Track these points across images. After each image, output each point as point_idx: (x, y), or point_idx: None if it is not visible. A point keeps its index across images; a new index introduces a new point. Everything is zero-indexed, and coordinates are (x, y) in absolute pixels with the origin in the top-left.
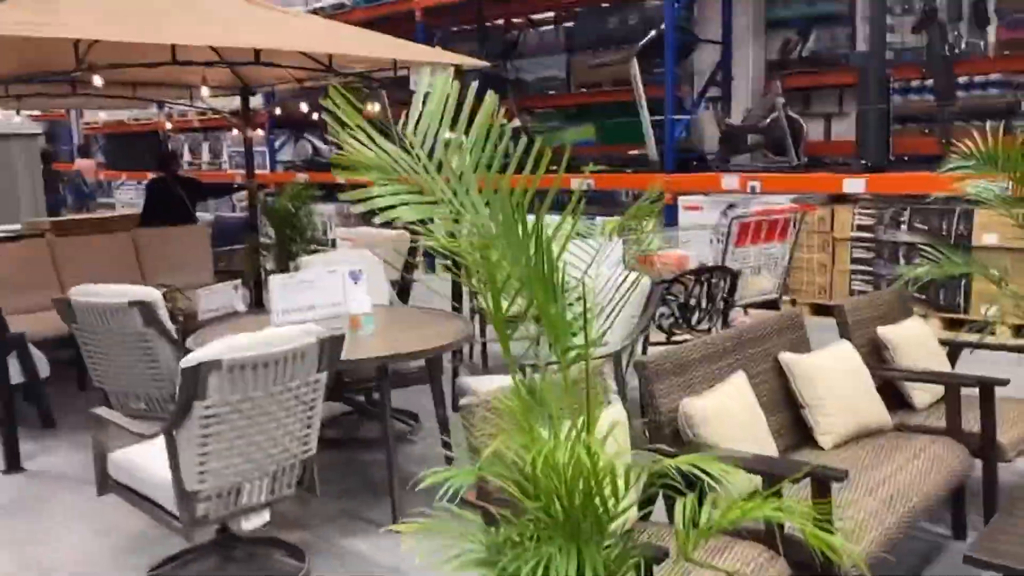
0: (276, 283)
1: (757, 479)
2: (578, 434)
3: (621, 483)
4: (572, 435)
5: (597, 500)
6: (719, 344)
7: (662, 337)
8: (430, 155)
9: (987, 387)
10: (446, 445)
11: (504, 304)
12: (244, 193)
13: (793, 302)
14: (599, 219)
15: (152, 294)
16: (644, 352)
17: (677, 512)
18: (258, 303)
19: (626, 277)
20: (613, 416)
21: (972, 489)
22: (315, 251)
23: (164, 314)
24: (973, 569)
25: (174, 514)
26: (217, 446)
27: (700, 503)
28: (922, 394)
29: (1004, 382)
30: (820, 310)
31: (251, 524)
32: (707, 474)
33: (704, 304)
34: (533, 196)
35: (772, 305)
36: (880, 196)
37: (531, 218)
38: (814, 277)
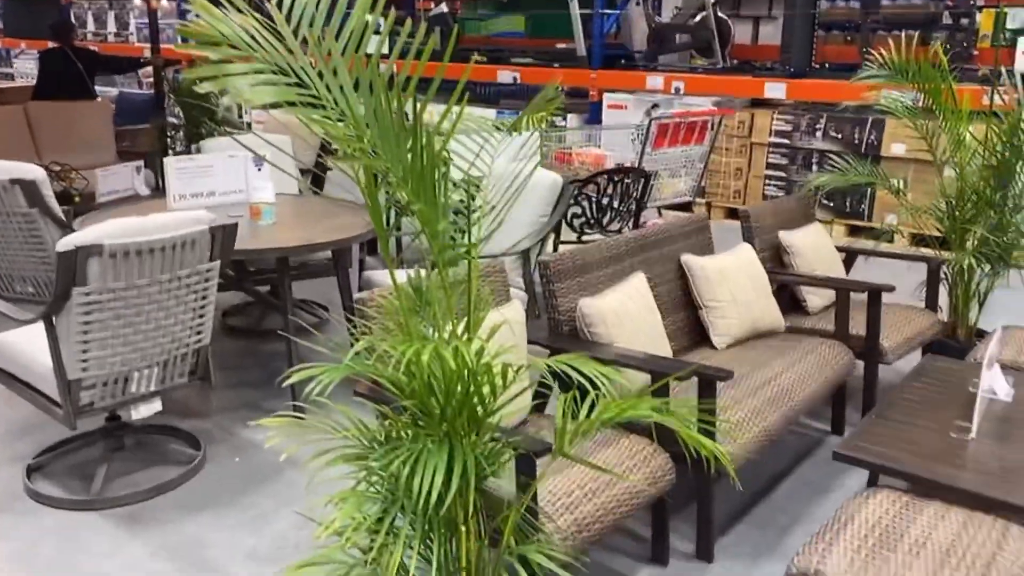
0: (172, 166)
1: (647, 377)
2: (456, 334)
3: (500, 381)
4: (449, 335)
5: (475, 399)
6: (622, 245)
7: (573, 237)
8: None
9: (875, 293)
10: (351, 334)
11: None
12: (151, 69)
13: (708, 205)
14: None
15: (35, 172)
16: (555, 251)
17: (556, 409)
18: (162, 187)
19: (530, 175)
20: (509, 314)
21: (853, 389)
22: (227, 133)
23: (49, 194)
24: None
25: (56, 402)
26: (100, 334)
27: (587, 400)
28: (815, 298)
29: (890, 288)
30: (734, 214)
31: (141, 413)
32: (581, 374)
33: (617, 205)
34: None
35: (687, 208)
36: (799, 103)
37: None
38: (730, 181)
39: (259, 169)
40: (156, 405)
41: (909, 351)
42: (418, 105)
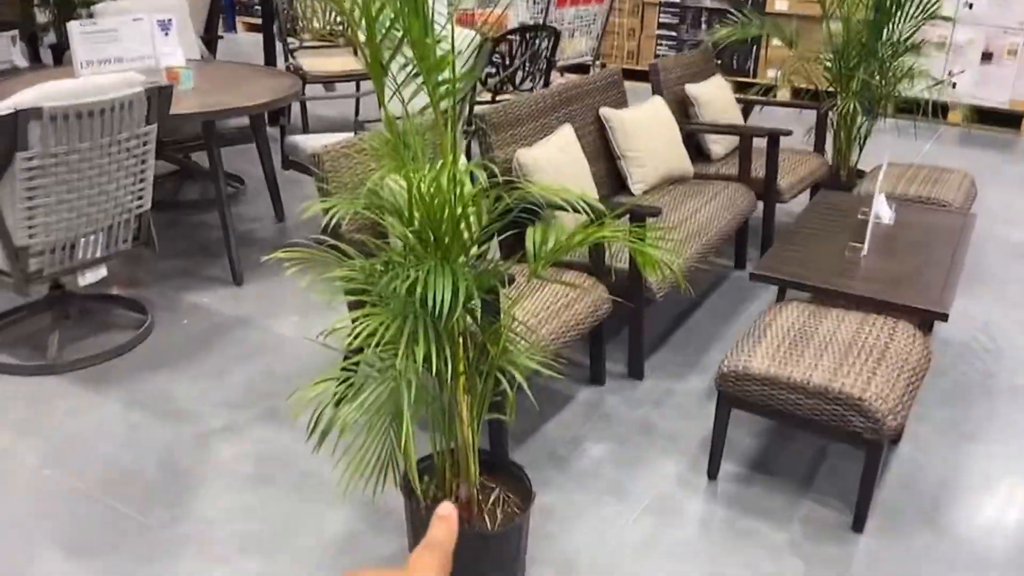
0: (75, 31)
1: (583, 218)
2: (444, 166)
3: (479, 210)
4: (438, 167)
5: (462, 225)
6: (547, 99)
7: (487, 97)
8: None
9: (774, 137)
10: (275, 199)
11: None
12: None
13: (603, 66)
14: None
15: None
16: (471, 111)
17: (528, 238)
18: (35, 59)
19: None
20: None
21: (753, 228)
22: None
23: None
24: (748, 287)
25: (4, 271)
26: (45, 200)
27: (547, 232)
28: (717, 147)
29: (788, 132)
30: (628, 75)
31: (87, 280)
32: (566, 200)
33: (527, 65)
34: None
35: (586, 69)
36: None
37: None
38: (624, 42)
39: (166, 34)
40: (102, 271)
41: (802, 191)
42: None
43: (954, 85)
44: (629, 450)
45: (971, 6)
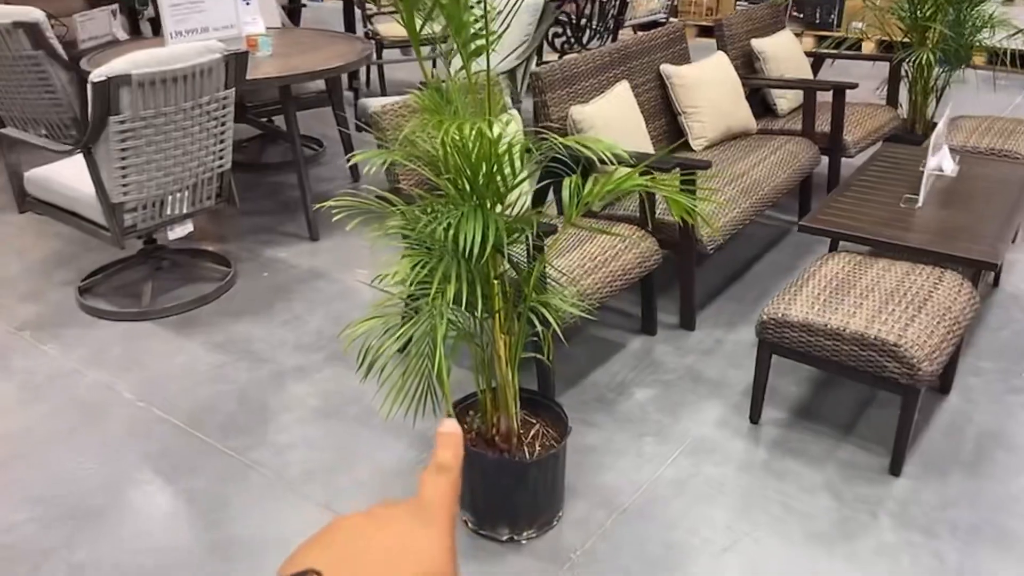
0: (165, 4)
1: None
2: (484, 118)
3: (517, 160)
4: (465, 119)
5: (497, 176)
6: (605, 57)
7: (555, 57)
8: None
9: (839, 91)
10: (351, 163)
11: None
12: None
13: (684, 23)
14: None
15: (36, 14)
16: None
17: (564, 188)
18: (134, 31)
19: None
20: (508, 125)
21: (820, 184)
22: None
23: (52, 36)
24: (809, 241)
25: (103, 225)
26: (136, 160)
27: (587, 182)
28: (784, 102)
29: (853, 85)
30: (707, 32)
31: (176, 234)
32: (590, 150)
33: (595, 23)
34: None
35: (660, 27)
36: None
37: None
38: None
39: (248, 3)
40: (188, 226)
41: (871, 145)
42: None
43: None
44: (674, 395)
45: None
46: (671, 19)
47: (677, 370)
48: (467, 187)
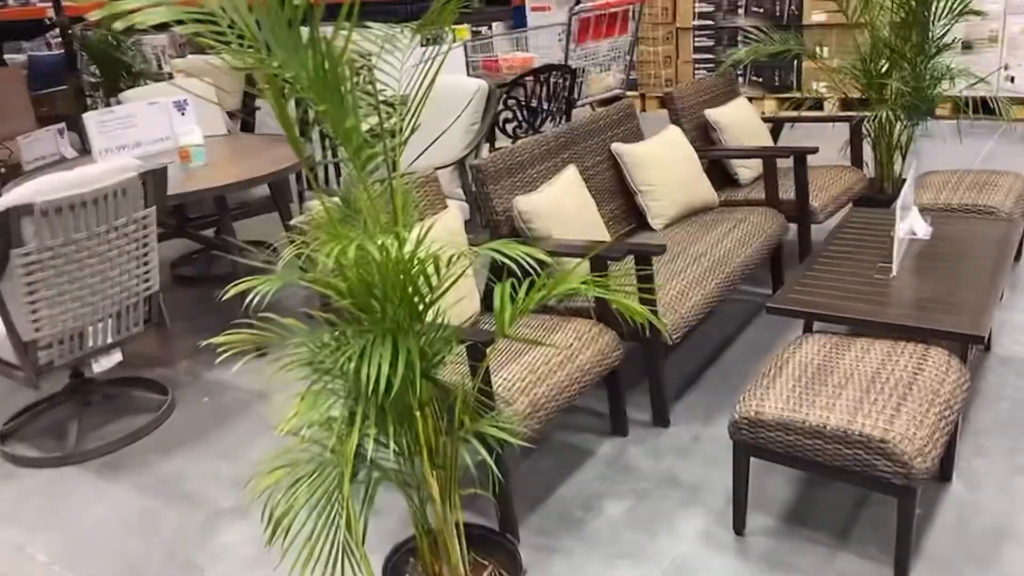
0: (92, 121)
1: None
2: (382, 229)
3: (432, 271)
4: (373, 231)
5: (411, 291)
6: (552, 141)
7: (508, 142)
8: None
9: (800, 156)
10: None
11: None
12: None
13: (642, 96)
14: (453, 25)
15: None
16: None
17: (496, 295)
18: (86, 150)
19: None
20: (445, 221)
21: (792, 252)
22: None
23: None
24: (785, 317)
25: (16, 365)
26: (46, 293)
27: (524, 285)
28: (746, 171)
29: (813, 150)
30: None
31: (102, 366)
32: (508, 257)
33: (546, 105)
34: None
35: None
36: None
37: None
38: (660, 70)
39: (183, 114)
40: (116, 356)
41: (839, 208)
42: (311, 17)
43: (1012, 79)
44: (649, 507)
45: None
46: (628, 92)
47: (652, 476)
48: (376, 307)
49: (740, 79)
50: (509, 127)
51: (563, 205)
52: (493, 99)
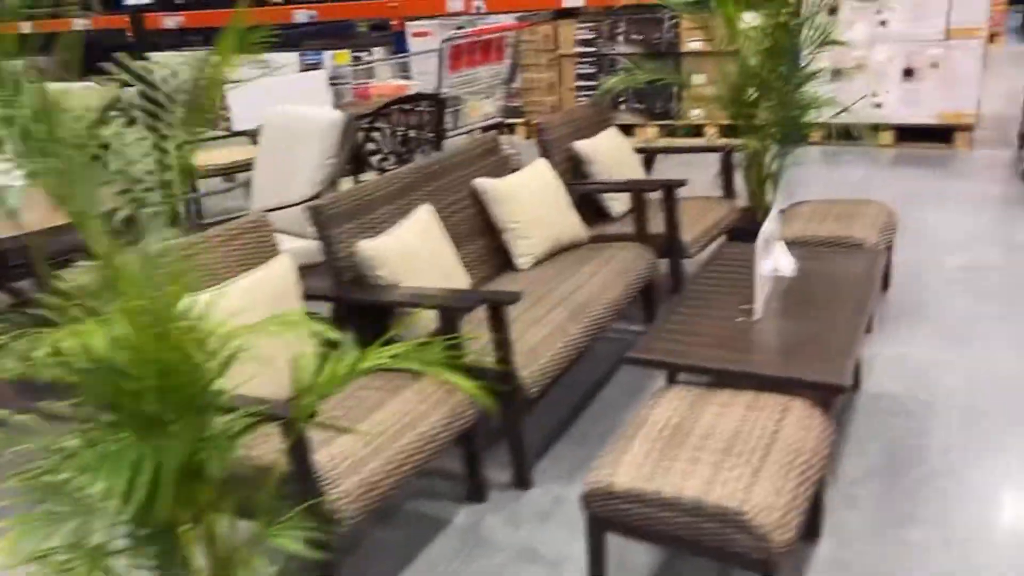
0: None
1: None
2: (146, 310)
3: (197, 352)
4: (112, 312)
5: (175, 376)
6: (405, 179)
7: (374, 175)
8: None
9: (668, 189)
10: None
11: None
12: None
13: (528, 124)
14: (327, 53)
15: None
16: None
17: (292, 374)
18: None
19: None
20: (273, 271)
21: (666, 285)
22: None
23: None
24: None
25: None
26: None
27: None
28: (617, 204)
29: (681, 183)
30: None
31: None
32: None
33: (414, 136)
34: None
35: (500, 129)
36: (600, 9)
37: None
38: (544, 97)
39: None
40: None
41: (711, 241)
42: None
43: (879, 105)
44: None
45: (884, 23)
46: (514, 119)
47: (508, 548)
48: (125, 401)
49: (622, 106)
50: (375, 159)
51: (414, 249)
52: (350, 131)
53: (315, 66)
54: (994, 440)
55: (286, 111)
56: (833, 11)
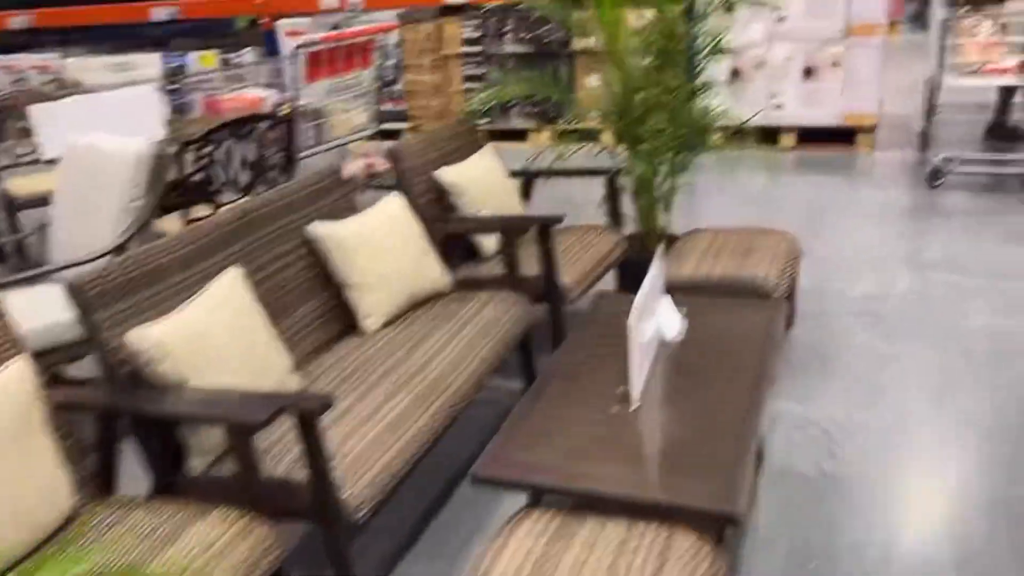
0: None
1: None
2: None
3: None
4: None
5: None
6: (207, 234)
7: (209, 210)
8: None
9: (544, 228)
10: None
11: None
12: None
13: (415, 129)
14: (192, 55)
15: None
16: None
17: None
18: None
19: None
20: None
21: (546, 334)
22: None
23: None
24: None
25: None
26: None
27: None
28: (488, 241)
29: (558, 219)
30: None
31: None
32: None
33: (255, 161)
34: None
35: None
36: (487, 6)
37: None
38: (430, 100)
39: None
40: None
41: (595, 282)
42: None
43: (779, 106)
44: None
45: (782, 20)
46: (401, 125)
47: None
48: None
49: (514, 109)
50: (209, 190)
51: (211, 331)
52: (162, 165)
53: (179, 69)
54: (916, 532)
55: (89, 142)
56: (730, 8)
